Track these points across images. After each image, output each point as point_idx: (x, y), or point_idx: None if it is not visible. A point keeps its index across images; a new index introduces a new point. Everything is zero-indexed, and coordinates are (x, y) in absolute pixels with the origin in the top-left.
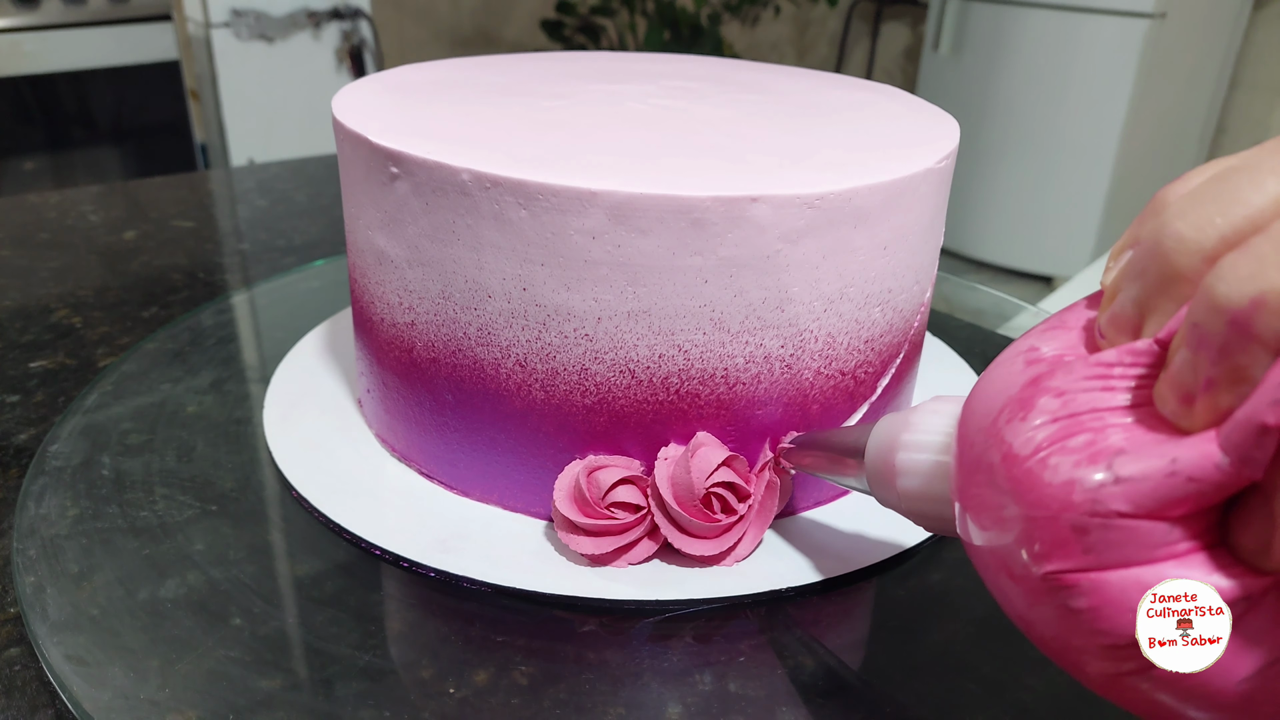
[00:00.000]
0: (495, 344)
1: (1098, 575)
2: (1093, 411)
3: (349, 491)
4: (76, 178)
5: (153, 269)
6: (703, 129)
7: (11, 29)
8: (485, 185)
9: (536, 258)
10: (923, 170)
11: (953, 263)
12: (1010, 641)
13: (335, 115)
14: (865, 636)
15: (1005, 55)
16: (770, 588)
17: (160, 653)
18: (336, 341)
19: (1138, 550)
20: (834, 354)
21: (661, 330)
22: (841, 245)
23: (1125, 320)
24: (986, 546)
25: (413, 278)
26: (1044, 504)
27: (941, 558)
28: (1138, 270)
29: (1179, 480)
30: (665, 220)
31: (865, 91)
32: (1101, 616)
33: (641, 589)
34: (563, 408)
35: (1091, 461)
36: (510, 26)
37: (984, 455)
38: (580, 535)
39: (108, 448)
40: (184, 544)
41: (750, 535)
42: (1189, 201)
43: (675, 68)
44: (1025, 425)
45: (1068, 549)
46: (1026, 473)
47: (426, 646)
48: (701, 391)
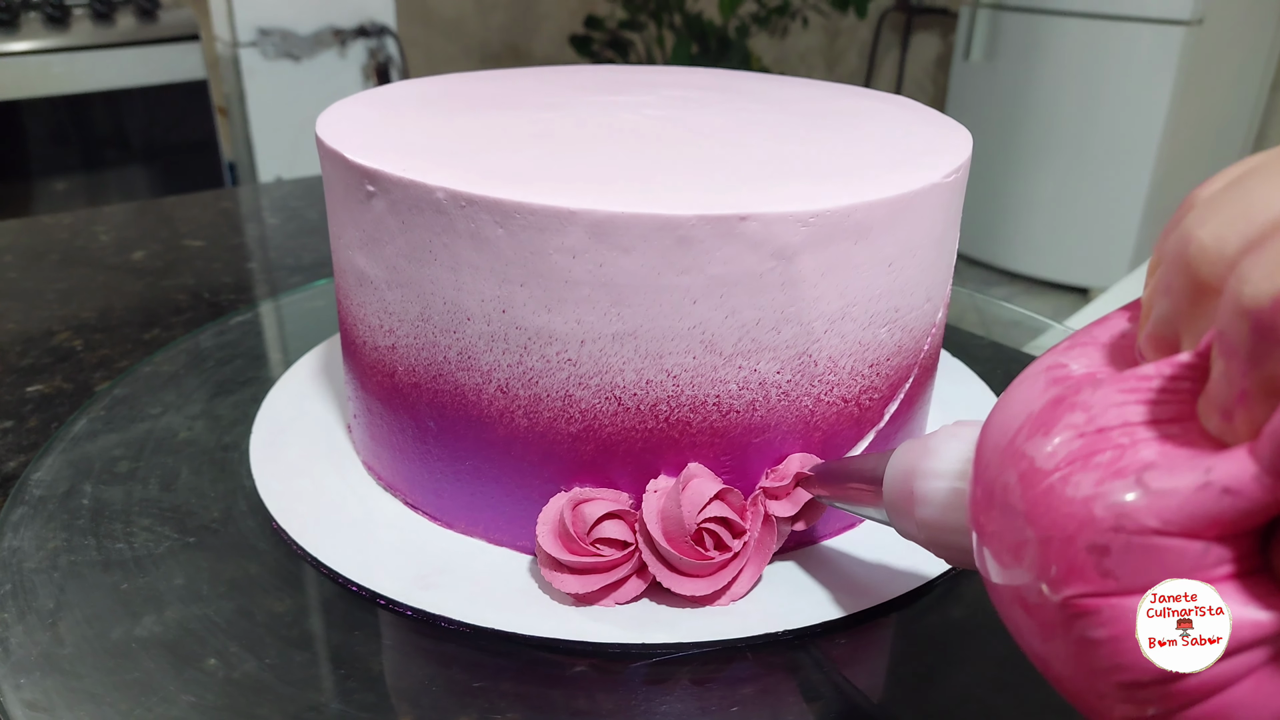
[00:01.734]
0: (476, 368)
1: (1119, 601)
2: (1124, 426)
3: (331, 523)
4: (108, 197)
5: (158, 289)
6: (697, 140)
7: (41, 50)
8: (461, 204)
9: (516, 278)
10: (929, 184)
11: (986, 274)
12: (1029, 688)
13: (317, 132)
14: (875, 682)
15: (1038, 64)
16: (767, 630)
17: (127, 698)
18: (332, 364)
19: (1165, 574)
20: (836, 379)
21: (649, 353)
22: (842, 262)
23: (1162, 338)
24: (1003, 579)
25: (392, 299)
26: (1062, 523)
27: (959, 593)
28: (1165, 285)
29: (1213, 493)
30: (648, 238)
31: (875, 101)
32: (1122, 650)
33: (630, 631)
34: (547, 436)
35: (1118, 476)
36: (539, 42)
37: (1000, 475)
38: (565, 573)
39: (91, 476)
40: (160, 579)
41: (747, 573)
42: (1209, 209)
43: (677, 78)
44: (1047, 440)
45: (1087, 572)
46: (1046, 490)
47: (406, 691)
48: (693, 419)
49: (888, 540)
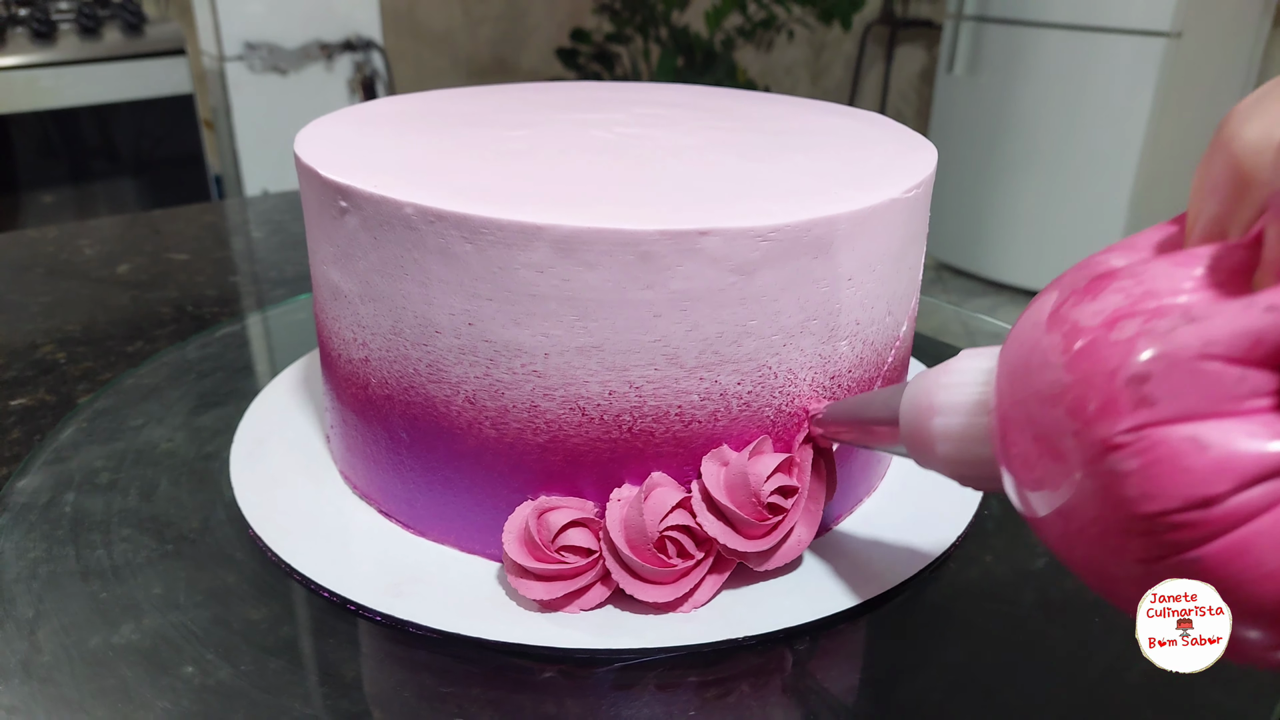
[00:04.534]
0: (445, 380)
1: (1152, 431)
2: (1174, 290)
3: (306, 532)
4: (96, 210)
5: (142, 303)
6: (665, 158)
7: (28, 65)
8: (430, 219)
9: (483, 292)
10: (888, 200)
11: (970, 284)
12: (996, 690)
13: (295, 149)
14: (841, 686)
15: (1021, 76)
16: (730, 635)
17: (104, 704)
18: (312, 376)
19: (1202, 400)
20: (797, 390)
21: (613, 366)
22: (801, 277)
23: (1212, 238)
24: (1029, 442)
25: (365, 313)
26: (1104, 361)
27: (924, 598)
28: (1213, 186)
29: (1256, 310)
30: (612, 253)
31: (846, 119)
32: (1151, 477)
33: (595, 636)
34: (515, 446)
35: (1162, 315)
36: (527, 55)
37: (1038, 345)
38: (531, 580)
39: (72, 487)
40: (138, 589)
41: (710, 580)
42: (1252, 108)
43: (652, 96)
44: (1094, 303)
45: (1123, 405)
46: (1091, 342)
47: (378, 697)
48: (656, 430)
49: (853, 545)
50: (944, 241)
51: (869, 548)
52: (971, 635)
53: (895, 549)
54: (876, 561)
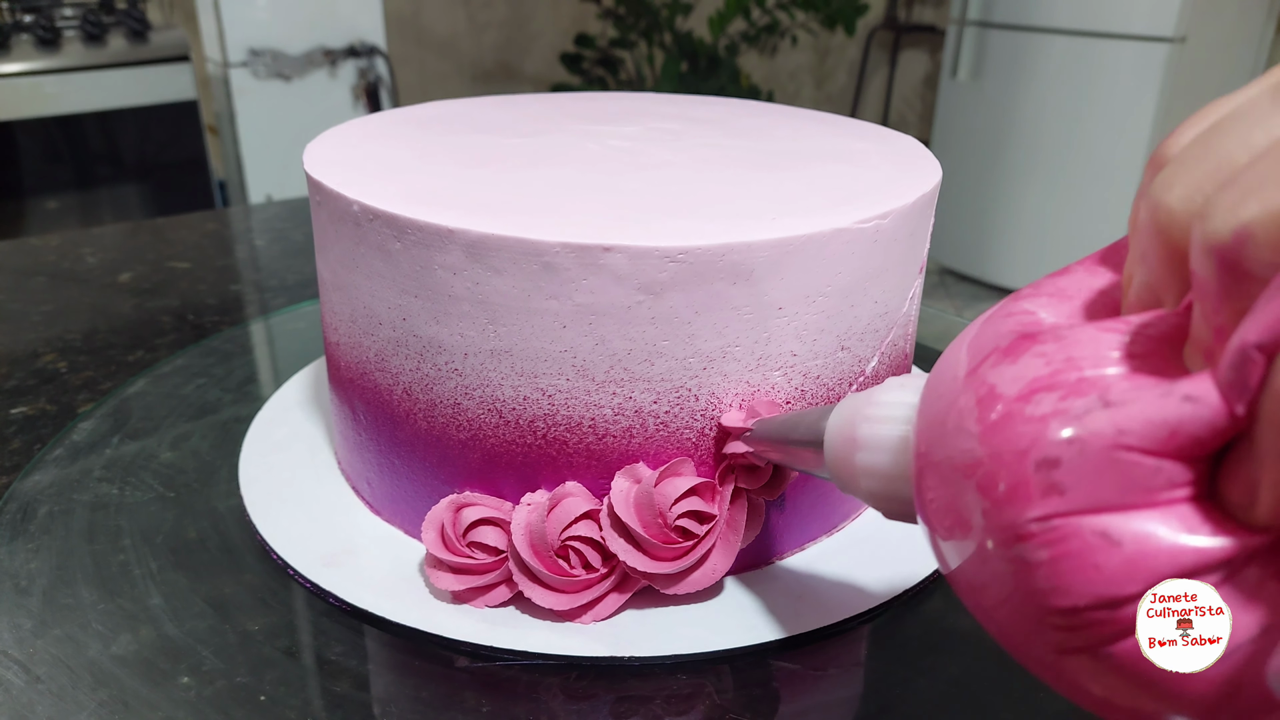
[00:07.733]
0: (387, 370)
1: (1063, 521)
2: (1097, 358)
3: (279, 501)
4: (100, 216)
5: (143, 311)
6: (635, 172)
7: (33, 71)
8: (370, 217)
9: (411, 289)
10: (830, 230)
11: (974, 289)
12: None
13: (304, 158)
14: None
15: (1024, 81)
16: (617, 654)
17: (102, 714)
18: (319, 383)
19: (1115, 491)
20: (721, 414)
21: (524, 372)
22: (716, 302)
23: (1145, 306)
24: (943, 503)
25: (334, 300)
26: (1016, 439)
27: (854, 639)
28: (1140, 254)
29: (1174, 400)
30: (518, 261)
31: (846, 137)
32: (1061, 571)
33: (493, 633)
34: (442, 440)
35: (1079, 394)
36: (531, 60)
37: (955, 402)
38: (443, 571)
39: (73, 496)
40: (137, 598)
41: (613, 597)
42: (1177, 170)
43: (663, 108)
44: (1014, 366)
45: (1033, 490)
46: (1005, 414)
47: (372, 706)
48: (569, 439)
49: (792, 580)
50: (947, 246)
51: (812, 583)
52: (911, 684)
53: (841, 587)
54: (812, 598)
